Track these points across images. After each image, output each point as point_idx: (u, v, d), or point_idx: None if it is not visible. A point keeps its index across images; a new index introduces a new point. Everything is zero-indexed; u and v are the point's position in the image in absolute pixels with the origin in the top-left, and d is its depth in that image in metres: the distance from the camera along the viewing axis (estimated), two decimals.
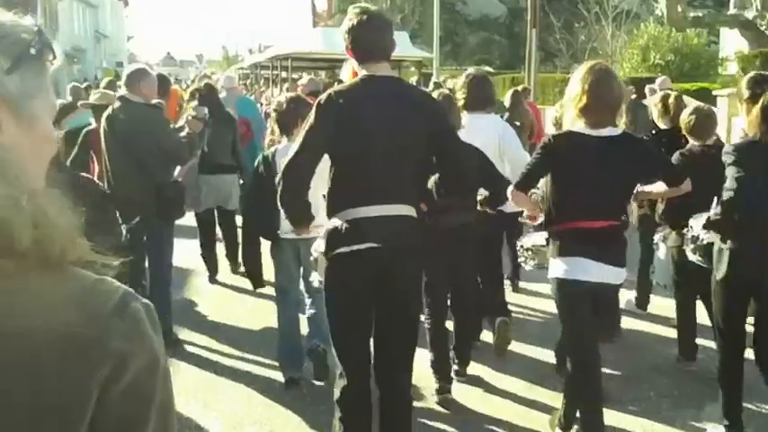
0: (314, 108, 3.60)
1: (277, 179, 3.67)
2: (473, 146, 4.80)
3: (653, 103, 6.27)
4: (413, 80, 16.03)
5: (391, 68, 3.98)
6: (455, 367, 5.26)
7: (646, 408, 4.97)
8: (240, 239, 6.30)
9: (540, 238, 4.43)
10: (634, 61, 23.26)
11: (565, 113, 4.09)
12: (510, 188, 4.13)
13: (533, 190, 4.23)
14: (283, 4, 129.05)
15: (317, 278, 4.07)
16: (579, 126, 3.90)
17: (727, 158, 4.12)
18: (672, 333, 5.96)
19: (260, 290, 6.04)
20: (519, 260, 4.93)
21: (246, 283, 6.54)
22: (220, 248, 8.20)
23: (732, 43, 26.61)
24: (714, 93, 14.62)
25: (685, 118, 5.18)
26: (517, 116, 9.90)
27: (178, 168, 6.58)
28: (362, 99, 3.57)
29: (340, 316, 3.68)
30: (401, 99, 3.66)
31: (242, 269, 7.01)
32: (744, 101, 4.34)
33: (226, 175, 7.69)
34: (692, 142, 5.19)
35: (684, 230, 4.94)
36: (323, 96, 3.64)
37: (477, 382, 5.39)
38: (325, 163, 3.66)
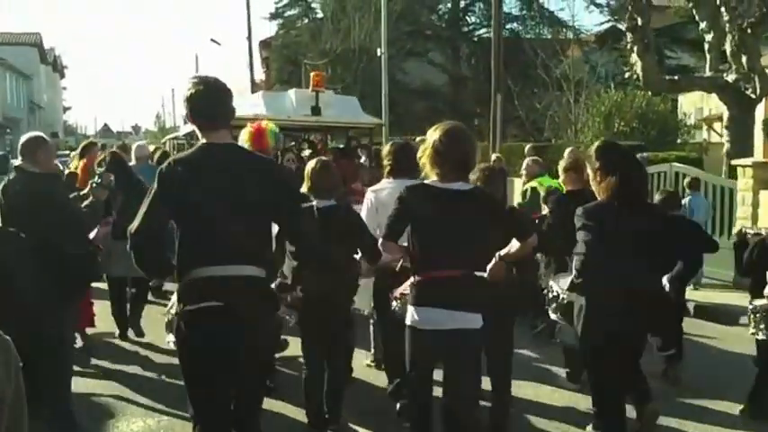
0: (156, 176, 3.65)
1: (128, 245, 3.71)
2: (344, 209, 5.37)
3: (561, 167, 6.23)
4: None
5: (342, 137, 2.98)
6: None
7: None
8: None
9: (405, 286, 4.34)
10: (595, 129, 20.60)
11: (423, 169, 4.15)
12: (380, 240, 4.20)
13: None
14: (218, 73, 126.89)
15: (170, 339, 4.15)
16: (432, 180, 4.05)
17: (577, 222, 4.32)
18: None
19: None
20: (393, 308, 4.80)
21: (155, 342, 7.48)
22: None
23: (688, 108, 24.53)
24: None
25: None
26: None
27: (93, 233, 6.79)
28: (201, 166, 3.64)
29: (189, 372, 3.70)
30: (238, 165, 3.72)
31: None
32: (595, 168, 4.50)
33: None
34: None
35: (545, 291, 5.43)
36: (163, 165, 3.71)
37: None
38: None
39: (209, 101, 3.65)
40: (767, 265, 5.55)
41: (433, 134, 4.04)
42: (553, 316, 5.16)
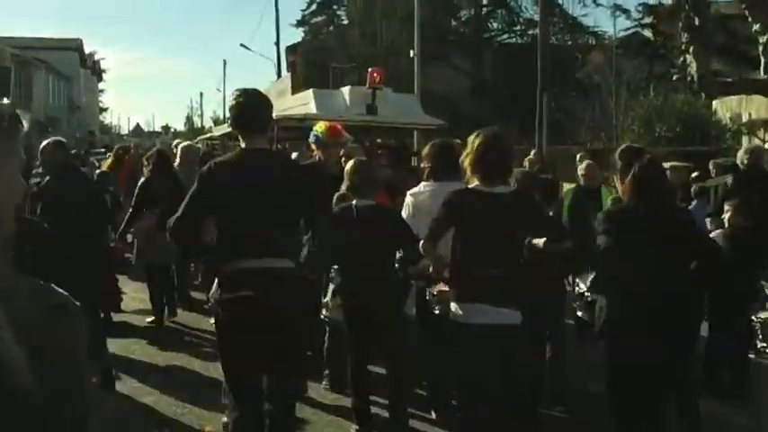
0: (197, 177, 3.79)
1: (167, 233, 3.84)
2: (379, 208, 4.96)
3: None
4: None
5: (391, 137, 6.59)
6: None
7: None
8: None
9: (443, 285, 4.16)
10: (635, 134, 18.47)
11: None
12: (421, 242, 4.05)
13: None
14: (246, 77, 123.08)
15: (212, 321, 4.25)
16: (474, 183, 3.93)
17: (598, 226, 4.05)
18: None
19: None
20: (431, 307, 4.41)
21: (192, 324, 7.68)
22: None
23: (723, 113, 22.39)
24: None
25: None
26: None
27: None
28: (237, 169, 3.73)
29: (227, 354, 3.76)
30: (271, 167, 3.82)
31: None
32: (618, 171, 4.24)
33: None
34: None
35: (569, 288, 5.17)
36: (204, 168, 3.84)
37: None
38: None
39: (247, 111, 3.79)
40: None
41: (474, 140, 3.94)
42: (579, 313, 4.93)
